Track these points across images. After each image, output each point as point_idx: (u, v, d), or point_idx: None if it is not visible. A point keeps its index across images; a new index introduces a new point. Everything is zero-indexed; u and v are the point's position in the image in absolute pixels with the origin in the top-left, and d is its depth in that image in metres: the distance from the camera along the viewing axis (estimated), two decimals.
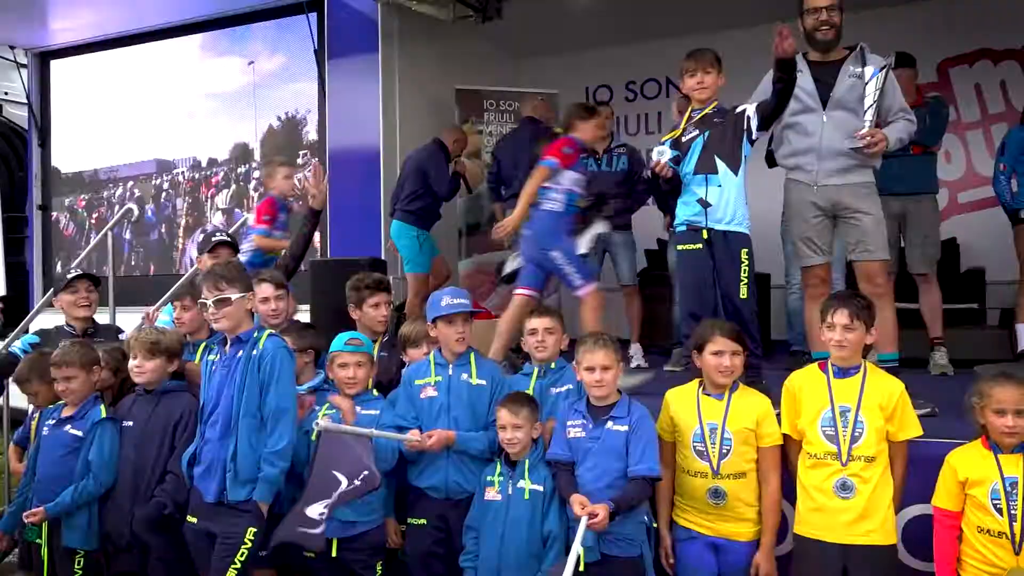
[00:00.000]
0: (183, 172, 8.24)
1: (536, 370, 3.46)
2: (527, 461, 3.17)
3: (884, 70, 3.58)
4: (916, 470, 2.98)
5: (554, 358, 3.47)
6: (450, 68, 7.12)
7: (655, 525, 3.19)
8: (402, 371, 3.60)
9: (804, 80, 3.71)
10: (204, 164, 8.14)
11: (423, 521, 3.33)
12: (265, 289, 3.83)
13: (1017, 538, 2.67)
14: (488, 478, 3.22)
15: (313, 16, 6.80)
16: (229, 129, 7.95)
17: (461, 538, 3.25)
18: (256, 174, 7.67)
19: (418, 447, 3.24)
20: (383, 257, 5.83)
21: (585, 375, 3.12)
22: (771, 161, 4.16)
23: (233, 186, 7.96)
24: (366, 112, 6.38)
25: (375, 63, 6.40)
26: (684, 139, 3.73)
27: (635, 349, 5.50)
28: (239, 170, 7.92)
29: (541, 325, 3.43)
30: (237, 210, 7.80)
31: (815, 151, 3.71)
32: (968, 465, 2.80)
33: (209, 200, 8.09)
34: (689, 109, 3.79)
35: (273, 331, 3.37)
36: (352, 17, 6.57)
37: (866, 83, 3.58)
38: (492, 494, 3.18)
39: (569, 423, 3.13)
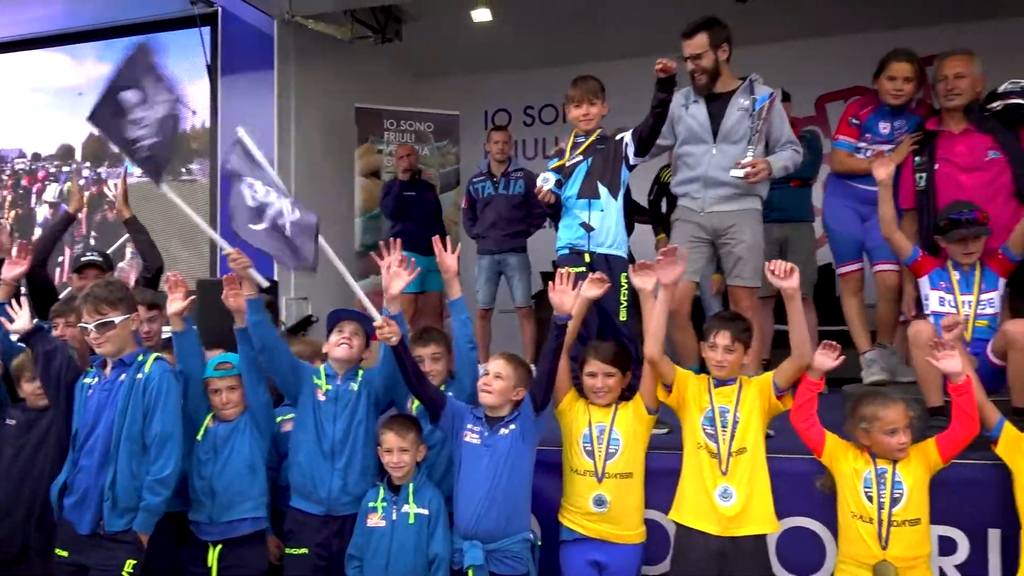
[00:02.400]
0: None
1: None
2: (411, 485, 3.16)
3: (771, 98, 3.78)
4: (782, 483, 3.12)
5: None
6: (349, 87, 7.09)
7: (539, 543, 3.22)
8: None
9: (698, 111, 3.88)
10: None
11: (304, 551, 3.24)
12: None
13: (884, 528, 2.83)
14: (371, 504, 3.18)
15: (206, 30, 6.65)
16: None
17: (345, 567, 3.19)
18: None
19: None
20: (275, 277, 5.72)
21: (480, 379, 3.17)
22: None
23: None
24: (260, 129, 6.26)
25: (270, 80, 6.31)
26: (568, 164, 3.82)
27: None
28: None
29: (426, 353, 3.44)
30: None
31: (702, 179, 3.89)
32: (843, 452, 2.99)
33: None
34: (573, 136, 3.89)
35: (160, 354, 3.26)
36: (247, 33, 6.47)
37: (752, 112, 3.77)
38: (375, 520, 3.14)
39: (469, 426, 3.16)
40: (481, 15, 7.02)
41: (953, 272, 3.46)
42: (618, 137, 3.82)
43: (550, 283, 3.18)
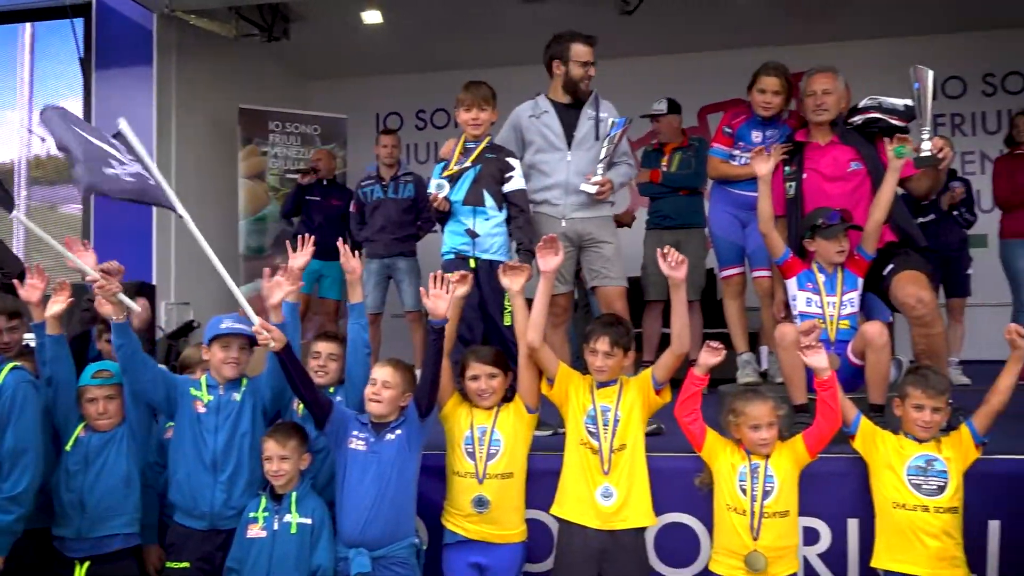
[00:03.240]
0: None
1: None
2: (295, 494, 3.09)
3: (625, 126, 3.98)
4: (662, 481, 3.22)
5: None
6: (233, 87, 6.90)
7: (424, 547, 3.22)
8: None
9: (551, 120, 4.03)
10: None
11: (185, 565, 3.12)
12: None
13: (756, 520, 2.96)
14: (251, 514, 3.09)
15: (79, 22, 6.32)
16: None
17: None
18: None
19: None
20: (154, 282, 5.50)
21: (367, 388, 3.14)
22: None
23: None
24: (138, 127, 5.98)
25: (149, 76, 6.06)
26: (456, 169, 3.85)
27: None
28: None
29: (325, 350, 3.43)
30: None
31: (562, 187, 4.01)
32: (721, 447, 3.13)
33: None
34: (462, 141, 3.92)
35: (18, 363, 3.08)
36: (124, 26, 6.19)
37: (609, 134, 3.95)
38: (256, 531, 3.05)
39: (354, 433, 3.12)
40: (371, 17, 6.96)
41: (819, 274, 3.66)
42: (508, 159, 3.90)
43: (421, 289, 3.22)
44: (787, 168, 3.99)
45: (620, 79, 5.92)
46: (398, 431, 3.10)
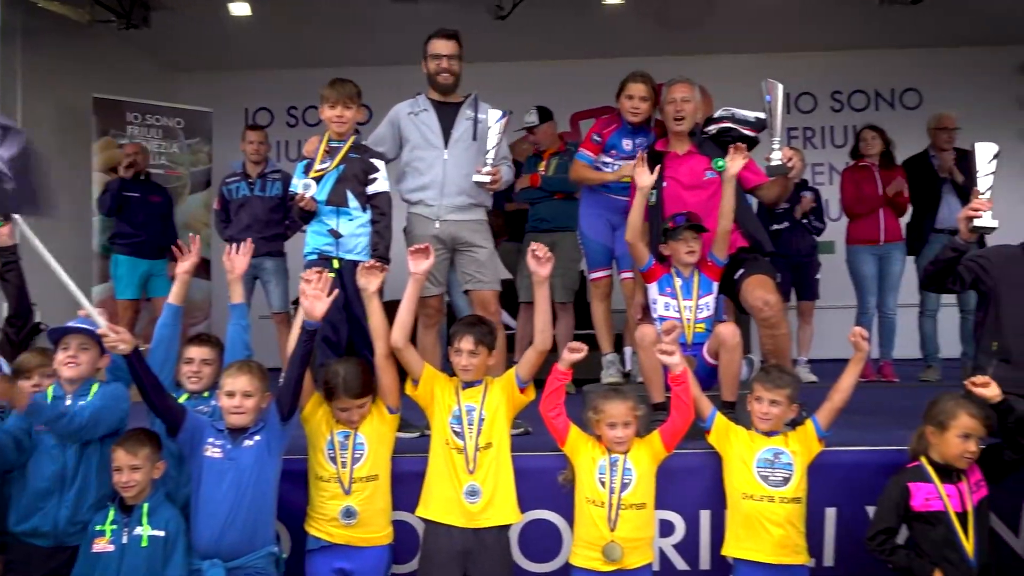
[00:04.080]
0: None
1: None
2: (146, 505, 2.94)
3: (507, 118, 3.99)
4: (525, 479, 3.27)
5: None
6: (88, 74, 6.51)
7: (284, 556, 3.15)
8: None
9: (430, 119, 4.02)
10: None
11: None
12: None
13: (613, 512, 3.05)
14: (97, 527, 2.92)
15: None
16: None
17: None
18: None
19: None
20: None
21: (224, 400, 3.02)
22: None
23: None
24: None
25: None
26: (319, 168, 3.78)
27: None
28: None
29: (199, 355, 3.30)
30: None
31: (438, 186, 4.00)
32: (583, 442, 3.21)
33: None
34: (326, 139, 3.85)
35: None
36: None
37: (489, 127, 3.95)
38: (102, 545, 2.88)
39: (210, 440, 3.01)
40: (240, 8, 6.73)
41: (676, 279, 3.81)
42: (373, 160, 3.86)
43: (300, 288, 3.13)
44: None
45: (494, 82, 5.91)
46: (257, 436, 3.01)
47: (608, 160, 4.61)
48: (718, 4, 6.88)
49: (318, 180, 3.75)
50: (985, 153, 3.37)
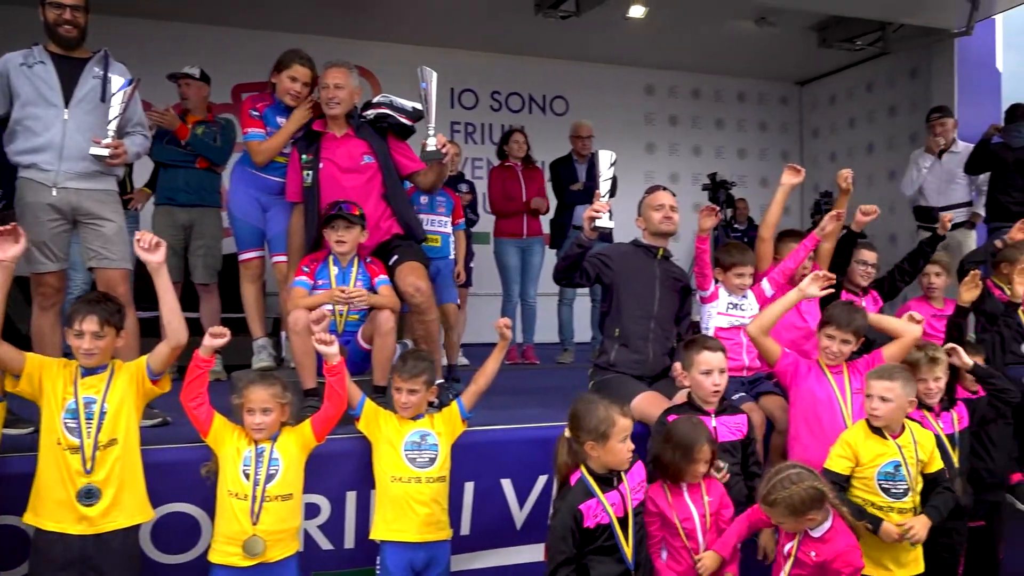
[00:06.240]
0: None
1: None
2: None
3: (134, 85, 3.61)
4: (160, 474, 3.05)
5: None
6: None
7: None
8: None
9: (46, 72, 3.53)
10: None
11: None
12: None
13: (256, 504, 2.94)
14: None
15: None
16: None
17: None
18: None
19: None
20: None
21: None
22: None
23: None
24: None
25: None
26: None
27: None
28: None
29: None
30: None
31: (56, 149, 3.53)
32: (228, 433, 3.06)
33: None
34: None
35: None
36: None
37: (114, 93, 3.55)
38: None
39: None
40: None
41: (333, 267, 3.78)
42: None
43: None
44: (304, 156, 4.04)
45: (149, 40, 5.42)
46: None
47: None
48: None
49: None
50: (605, 160, 3.77)
